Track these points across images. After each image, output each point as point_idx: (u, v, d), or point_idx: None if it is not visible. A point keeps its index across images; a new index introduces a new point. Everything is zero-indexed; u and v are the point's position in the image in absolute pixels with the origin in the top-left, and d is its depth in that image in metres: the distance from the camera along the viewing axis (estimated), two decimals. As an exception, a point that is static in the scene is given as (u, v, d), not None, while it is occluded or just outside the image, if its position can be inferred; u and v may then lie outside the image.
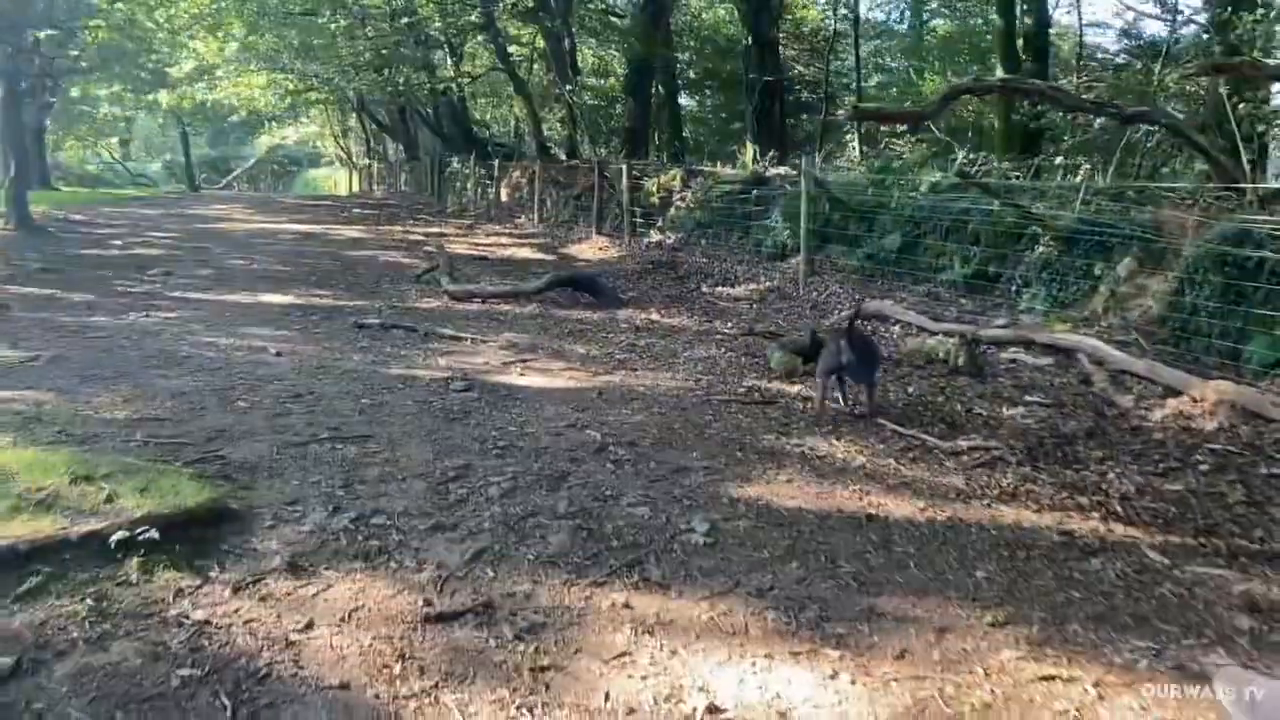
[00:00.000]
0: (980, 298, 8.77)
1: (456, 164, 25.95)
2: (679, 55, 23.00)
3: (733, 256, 12.38)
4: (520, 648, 2.83)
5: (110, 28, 14.03)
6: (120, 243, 14.76)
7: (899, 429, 5.16)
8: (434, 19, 22.27)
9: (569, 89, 19.36)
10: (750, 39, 17.44)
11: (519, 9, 20.92)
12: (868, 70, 35.44)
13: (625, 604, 3.11)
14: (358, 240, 16.48)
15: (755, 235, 12.16)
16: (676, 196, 14.69)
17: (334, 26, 20.86)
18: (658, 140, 24.51)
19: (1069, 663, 2.80)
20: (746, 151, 17.30)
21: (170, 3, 21.80)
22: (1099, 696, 2.64)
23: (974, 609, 3.12)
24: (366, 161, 41.72)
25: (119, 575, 3.11)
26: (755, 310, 9.67)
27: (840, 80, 28.64)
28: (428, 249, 14.69)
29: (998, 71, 16.91)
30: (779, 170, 12.81)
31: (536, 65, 24.92)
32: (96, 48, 24.56)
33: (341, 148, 45.97)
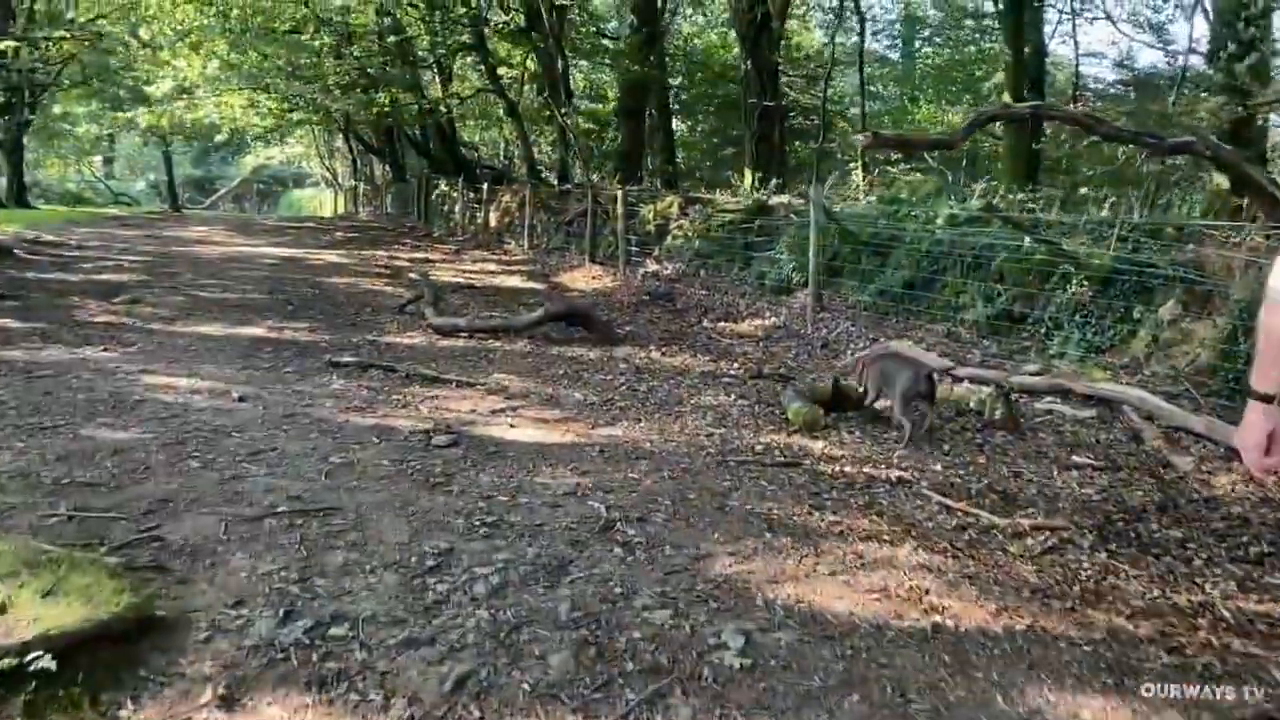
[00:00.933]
0: (1005, 340, 8.16)
1: (444, 186, 25.35)
2: (673, 79, 22.46)
3: (734, 289, 11.76)
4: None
5: (76, 41, 13.36)
6: (89, 266, 14.03)
7: (947, 502, 4.51)
8: (423, 38, 21.72)
9: (563, 111, 18.79)
10: (749, 63, 16.91)
11: (510, 29, 20.40)
12: (859, 98, 35.19)
13: (648, 760, 2.44)
14: (339, 266, 15.80)
15: (758, 267, 11.55)
16: (674, 224, 14.09)
17: (319, 44, 20.25)
18: (650, 165, 24.00)
19: None
20: (745, 178, 16.76)
21: (154, 20, 21.18)
22: None
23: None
24: (352, 183, 41.11)
25: (-3, 721, 2.43)
26: (762, 349, 9.04)
27: (833, 108, 28.25)
28: (412, 276, 14.03)
29: (1005, 97, 16.41)
30: (782, 199, 12.22)
31: (527, 87, 24.40)
32: (80, 64, 24.02)
33: (327, 168, 45.40)
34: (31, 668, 2.53)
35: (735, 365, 8.23)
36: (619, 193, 14.70)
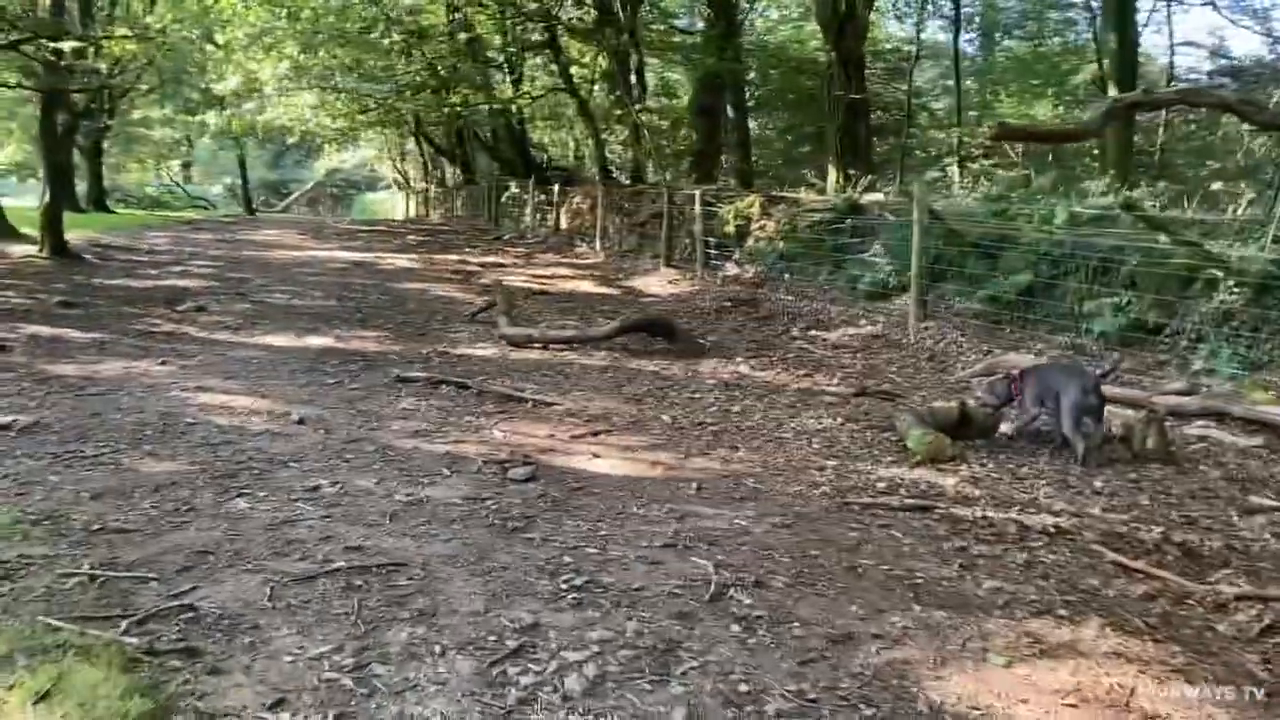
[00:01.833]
0: (1139, 353, 7.30)
1: (514, 188, 24.91)
2: (749, 74, 21.71)
3: (823, 295, 11.01)
4: None
5: (142, 41, 13.12)
6: (156, 271, 13.79)
7: (1122, 560, 3.75)
8: (493, 36, 21.28)
9: (636, 109, 18.17)
10: (834, 54, 16.10)
11: (582, 25, 19.86)
12: (937, 92, 33.94)
13: None
14: (409, 271, 15.38)
15: (850, 270, 10.78)
16: (755, 225, 13.35)
17: (389, 43, 19.92)
18: (724, 164, 23.26)
19: None
20: (830, 175, 15.97)
21: (228, 24, 21.10)
22: None
23: None
24: (424, 185, 41.01)
25: None
26: (861, 361, 8.30)
27: (916, 101, 27.15)
28: (483, 282, 13.53)
29: (1111, 91, 15.40)
30: (876, 197, 11.43)
31: (598, 86, 23.83)
32: (155, 69, 24.06)
33: (399, 171, 45.42)
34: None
35: (834, 380, 7.50)
36: (696, 193, 14.02)
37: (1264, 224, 6.89)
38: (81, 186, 29.15)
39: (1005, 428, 5.78)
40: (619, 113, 22.06)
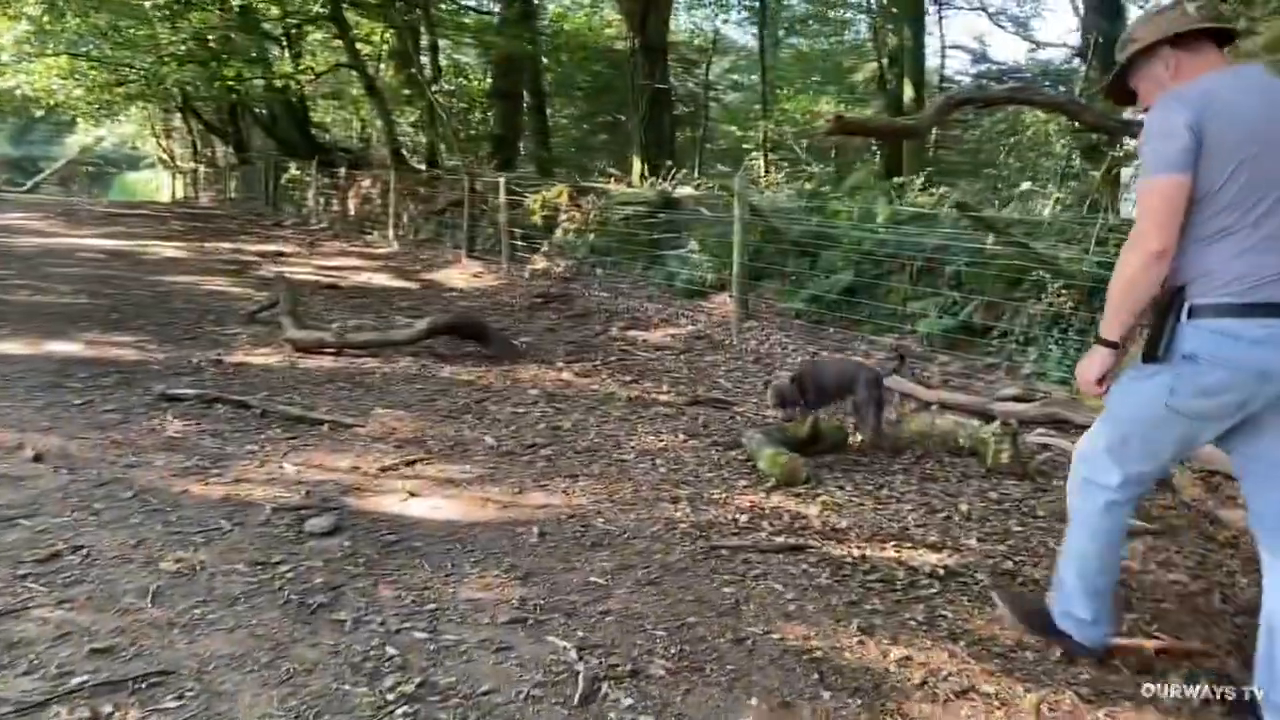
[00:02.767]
0: (967, 356, 7.18)
1: (295, 170, 23.18)
2: (547, 59, 21.02)
3: (639, 291, 10.52)
4: None
5: None
6: None
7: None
8: (270, 7, 19.58)
9: (433, 90, 17.13)
10: (637, 42, 15.65)
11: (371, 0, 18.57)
12: (723, 87, 34.30)
13: None
14: (177, 261, 13.79)
15: (666, 266, 10.33)
16: (563, 216, 12.73)
17: (150, 7, 17.92)
18: (521, 151, 22.47)
19: None
20: (635, 166, 15.55)
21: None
22: None
23: None
24: (192, 165, 37.87)
25: None
26: (686, 365, 7.82)
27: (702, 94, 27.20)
28: (263, 274, 12.25)
29: (910, 90, 15.75)
30: (688, 190, 11.03)
31: (384, 65, 22.42)
32: None
33: (164, 149, 41.79)
34: None
35: (663, 388, 6.98)
36: (500, 180, 13.25)
37: (1087, 225, 6.87)
38: None
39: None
40: (410, 93, 20.87)
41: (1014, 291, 7.01)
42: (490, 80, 18.41)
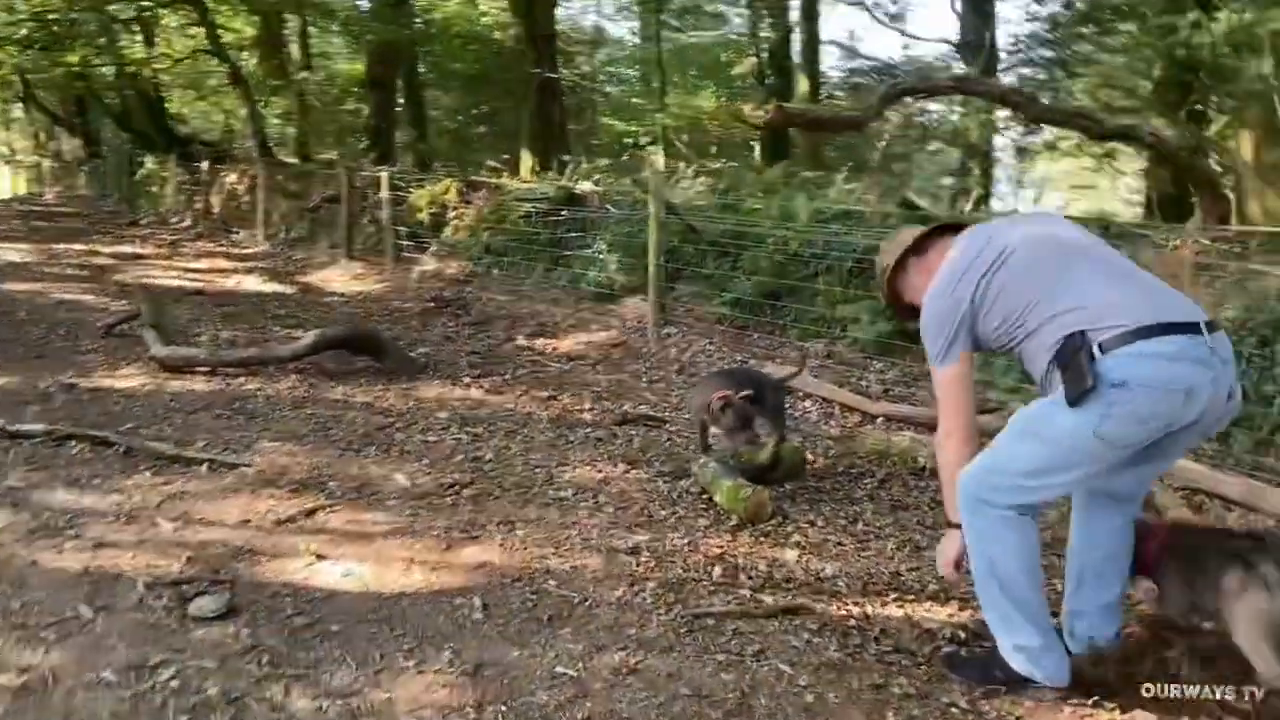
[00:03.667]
0: (904, 364, 6.76)
1: (152, 165, 21.51)
2: (423, 47, 20.00)
3: (542, 294, 9.81)
4: None
5: None
6: None
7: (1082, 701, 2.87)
8: (120, -13, 18.03)
9: (304, 78, 16.00)
10: (524, 30, 14.89)
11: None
12: (605, 79, 33.69)
13: None
14: (20, 267, 12.38)
15: (572, 268, 9.66)
16: (452, 214, 11.92)
17: (-20, -16, 16.22)
18: (397, 143, 21.35)
19: None
20: (525, 160, 14.81)
21: None
22: None
23: None
24: (35, 159, 35.13)
25: None
26: (605, 377, 7.19)
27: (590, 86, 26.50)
28: (120, 280, 11.08)
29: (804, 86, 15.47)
30: (589, 186, 10.39)
31: (246, 53, 20.95)
32: None
33: (2, 143, 38.73)
34: None
35: (586, 404, 6.34)
36: (383, 175, 12.33)
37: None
38: None
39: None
40: (277, 83, 19.58)
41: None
42: (365, 69, 17.28)
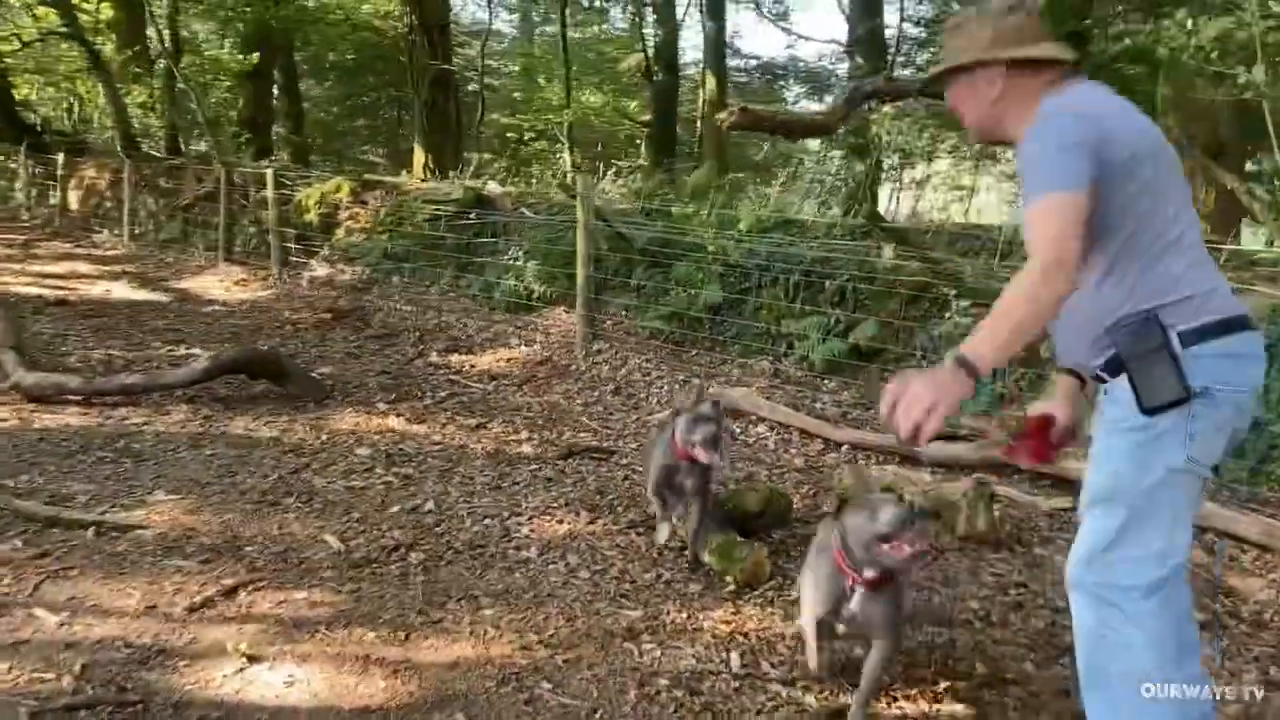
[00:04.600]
0: (857, 383, 6.37)
1: (-3, 156, 19.68)
2: (299, 34, 18.85)
3: (450, 304, 9.11)
4: None
5: None
6: None
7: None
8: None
9: (180, 67, 14.77)
10: (415, 18, 14.04)
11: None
12: (486, 74, 32.64)
13: None
14: None
15: (483, 275, 8.99)
16: (345, 215, 11.06)
17: None
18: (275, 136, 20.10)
19: None
20: (418, 157, 13.99)
21: None
22: None
23: None
24: None
25: None
26: (535, 400, 6.59)
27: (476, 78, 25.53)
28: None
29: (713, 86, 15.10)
30: (504, 189, 9.72)
31: (105, 35, 19.32)
32: None
33: None
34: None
35: (521, 434, 5.73)
36: (268, 172, 11.35)
37: (980, 237, 6.23)
38: None
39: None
40: (139, 70, 18.12)
41: (912, 310, 6.26)
42: (240, 56, 16.09)
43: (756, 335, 6.97)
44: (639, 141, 24.77)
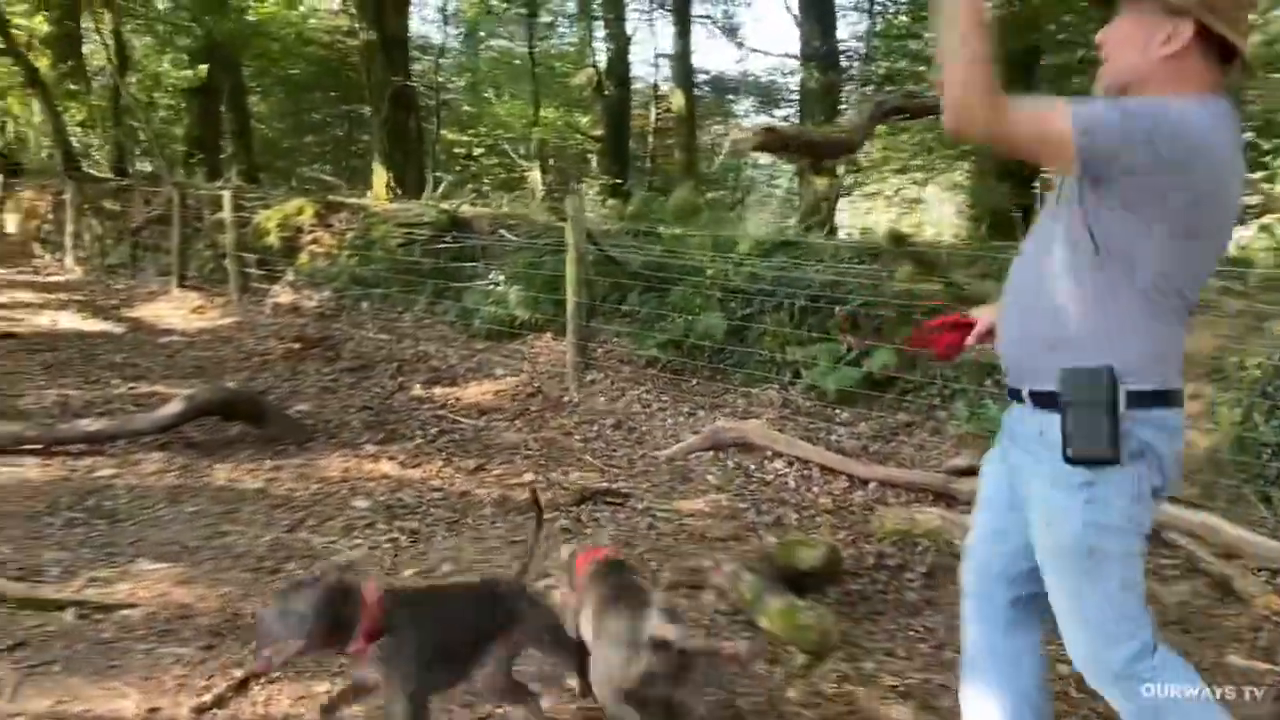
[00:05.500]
0: (873, 414, 6.08)
1: (-74, 178, 18.73)
2: (258, 50, 18.29)
3: (427, 331, 8.68)
4: None
5: None
6: None
7: None
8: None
9: (129, 82, 14.14)
10: (375, 33, 13.57)
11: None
12: (437, 89, 32.05)
13: None
14: None
15: (460, 302, 8.58)
16: (307, 238, 10.56)
17: None
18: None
19: None
20: (379, 176, 13.50)
21: None
22: None
23: None
24: None
25: None
26: (530, 434, 6.19)
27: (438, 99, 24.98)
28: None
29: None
30: (479, 210, 9.33)
31: (39, 51, 18.49)
32: None
33: None
34: None
35: (526, 476, 5.34)
36: (225, 193, 10.81)
37: (999, 255, 5.99)
38: None
39: None
40: (76, 87, 17.38)
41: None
42: (192, 72, 15.45)
43: (760, 363, 6.65)
44: (590, 156, 24.49)
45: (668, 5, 23.16)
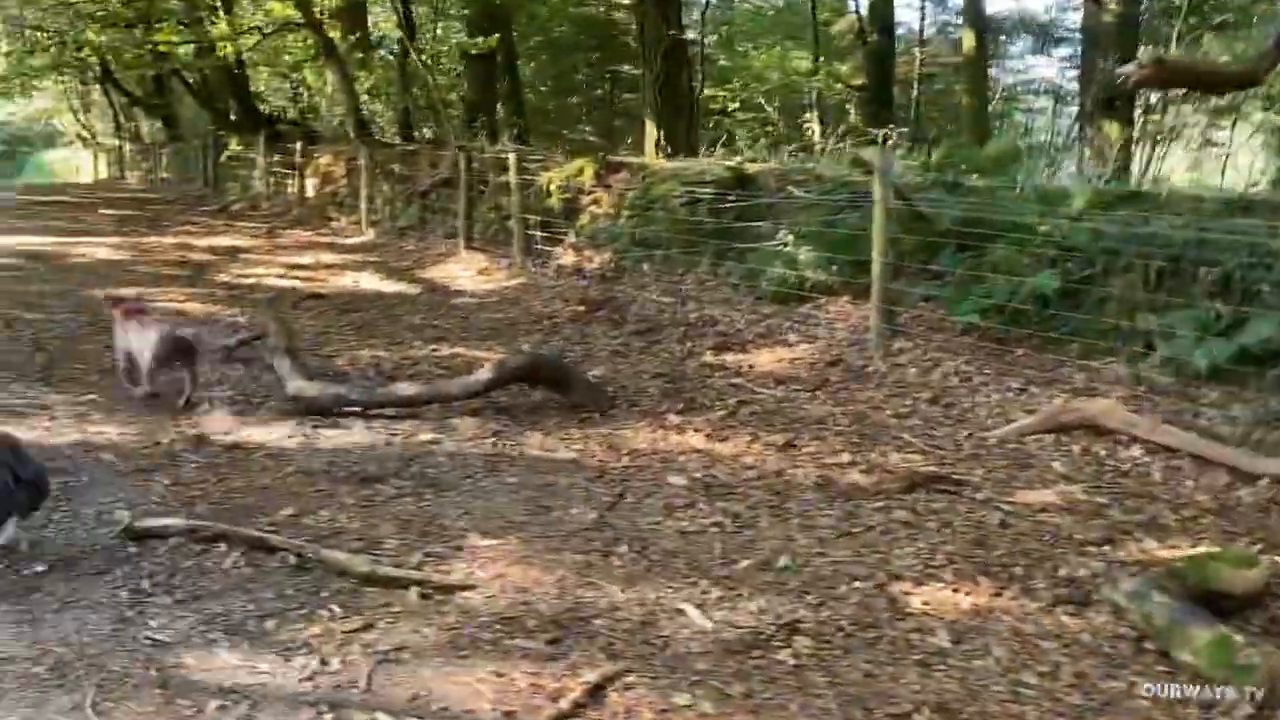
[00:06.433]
0: (1245, 394, 5.19)
1: (237, 147, 20.45)
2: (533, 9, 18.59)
3: (710, 294, 8.37)
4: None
5: None
6: None
7: None
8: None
9: (420, 50, 14.72)
10: (647, -15, 13.34)
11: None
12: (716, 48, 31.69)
13: None
14: (115, 265, 11.31)
15: (746, 262, 8.21)
16: (587, 199, 10.51)
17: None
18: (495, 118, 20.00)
19: None
20: (650, 134, 13.34)
21: None
22: None
23: None
24: (115, 142, 34.47)
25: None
26: (836, 407, 5.73)
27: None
28: (224, 280, 9.90)
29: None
30: (767, 166, 8.90)
31: (331, 22, 19.62)
32: None
33: (83, 125, 38.24)
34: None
35: (841, 455, 4.90)
36: (511, 155, 10.96)
37: None
38: None
39: None
40: (363, 56, 18.31)
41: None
42: (480, 39, 15.83)
43: (1100, 332, 5.86)
44: (849, 107, 23.41)
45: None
